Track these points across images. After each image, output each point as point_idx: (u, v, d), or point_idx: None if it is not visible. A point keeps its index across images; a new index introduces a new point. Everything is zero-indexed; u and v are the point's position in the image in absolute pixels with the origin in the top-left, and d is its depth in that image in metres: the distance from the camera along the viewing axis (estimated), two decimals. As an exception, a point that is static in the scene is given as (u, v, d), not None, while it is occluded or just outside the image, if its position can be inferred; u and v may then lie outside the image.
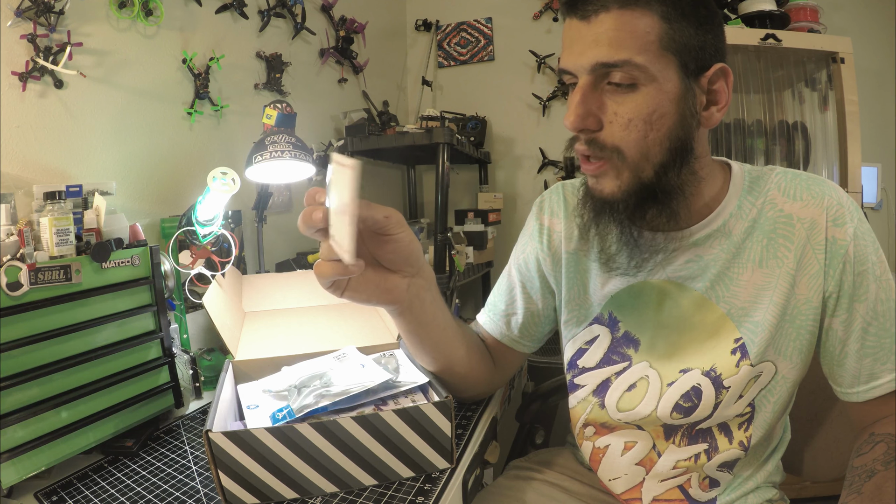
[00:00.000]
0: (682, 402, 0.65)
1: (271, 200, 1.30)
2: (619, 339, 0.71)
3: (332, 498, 0.61)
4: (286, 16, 1.57)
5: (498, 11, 2.28)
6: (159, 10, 1.12)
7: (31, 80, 0.90)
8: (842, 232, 0.60)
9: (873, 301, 0.60)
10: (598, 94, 0.56)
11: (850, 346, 0.62)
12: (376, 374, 0.71)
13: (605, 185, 0.59)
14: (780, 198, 0.63)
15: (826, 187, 0.62)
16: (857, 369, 0.62)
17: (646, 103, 0.55)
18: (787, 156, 1.67)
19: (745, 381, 0.63)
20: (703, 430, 0.67)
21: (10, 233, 0.72)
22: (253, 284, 1.10)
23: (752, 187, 0.65)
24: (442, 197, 1.67)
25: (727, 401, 0.64)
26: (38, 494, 0.65)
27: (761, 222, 0.63)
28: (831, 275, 0.61)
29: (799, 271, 0.61)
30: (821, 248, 0.61)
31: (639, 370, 0.69)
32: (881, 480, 0.55)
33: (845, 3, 1.92)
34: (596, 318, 0.72)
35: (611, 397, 0.71)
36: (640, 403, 0.68)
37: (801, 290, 0.62)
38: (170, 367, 0.84)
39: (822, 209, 0.61)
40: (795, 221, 0.62)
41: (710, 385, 0.64)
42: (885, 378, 0.61)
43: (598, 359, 0.72)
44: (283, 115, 1.06)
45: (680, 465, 0.68)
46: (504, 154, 2.34)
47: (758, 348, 0.62)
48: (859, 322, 0.61)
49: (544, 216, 0.78)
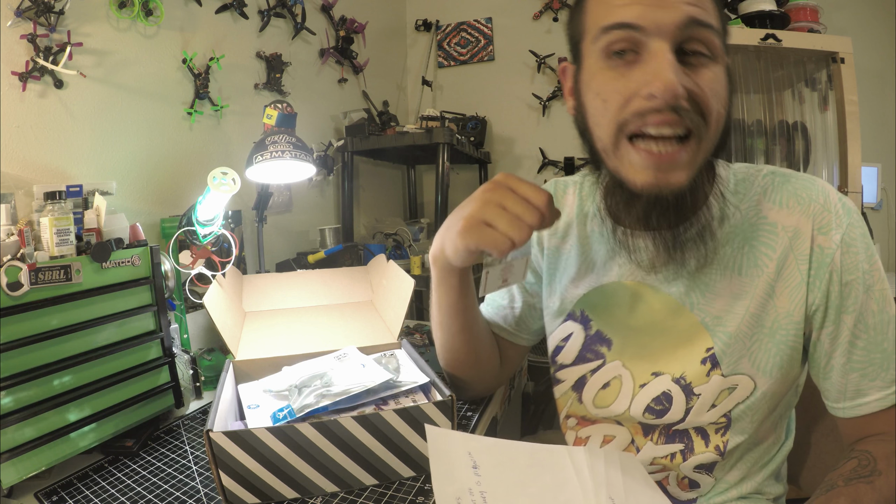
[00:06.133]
0: (653, 404, 0.65)
1: (271, 200, 1.30)
2: (592, 336, 0.70)
3: (332, 498, 0.61)
4: (286, 16, 1.57)
5: (498, 11, 2.28)
6: (159, 10, 1.12)
7: (31, 80, 0.90)
8: (827, 240, 0.56)
9: (862, 312, 0.56)
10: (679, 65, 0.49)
11: (836, 359, 0.58)
12: (377, 374, 0.71)
13: (674, 177, 0.51)
14: (766, 203, 0.59)
15: (814, 191, 0.58)
16: (842, 384, 0.58)
17: (719, 76, 0.50)
18: (787, 156, 1.67)
19: (717, 391, 0.61)
20: (680, 431, 0.65)
21: (11, 233, 0.72)
22: (253, 284, 1.10)
23: (737, 190, 0.61)
24: (442, 197, 1.67)
25: (698, 408, 0.62)
26: (38, 494, 0.65)
27: (743, 228, 0.59)
28: (817, 286, 0.56)
29: (779, 281, 0.58)
30: (804, 259, 0.56)
31: (612, 369, 0.68)
32: (833, 496, 0.52)
33: (845, 3, 1.92)
34: (569, 315, 0.72)
35: (587, 394, 0.71)
36: (614, 401, 0.68)
37: (780, 301, 0.58)
38: (170, 367, 0.84)
39: (807, 217, 0.57)
40: (779, 230, 0.58)
41: (681, 392, 0.63)
42: (873, 396, 0.57)
43: (574, 356, 0.72)
44: (283, 115, 1.06)
45: (657, 462, 0.67)
46: (504, 154, 2.34)
47: (729, 359, 0.60)
48: (846, 335, 0.56)
49: None
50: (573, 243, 0.72)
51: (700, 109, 0.49)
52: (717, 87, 0.50)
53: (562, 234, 0.74)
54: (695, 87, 0.49)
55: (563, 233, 0.73)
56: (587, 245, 0.71)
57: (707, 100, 0.49)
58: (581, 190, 0.74)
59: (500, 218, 0.54)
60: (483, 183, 2.34)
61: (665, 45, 0.48)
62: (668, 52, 0.48)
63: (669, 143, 0.50)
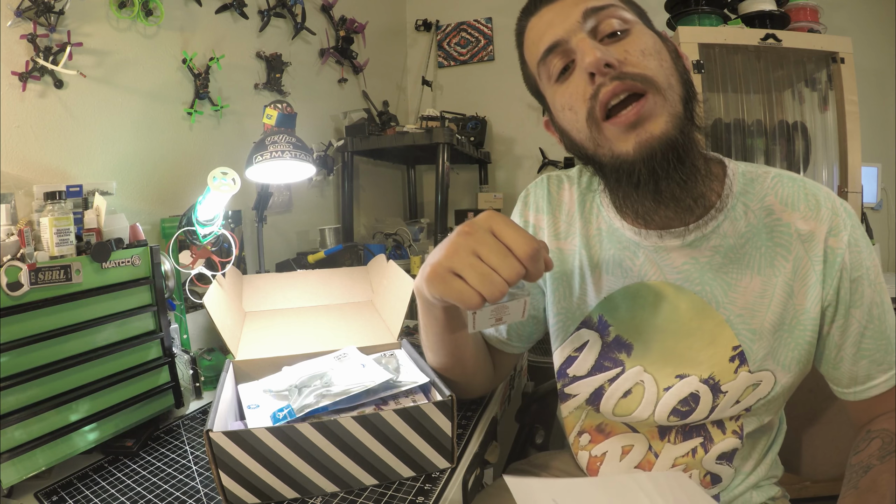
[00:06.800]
0: (679, 406, 0.65)
1: (271, 200, 1.30)
2: (610, 343, 0.68)
3: (332, 498, 0.61)
4: (286, 16, 1.57)
5: (498, 11, 2.28)
6: (159, 10, 1.12)
7: (31, 80, 0.90)
8: (838, 241, 0.59)
9: (869, 305, 0.60)
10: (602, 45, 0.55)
11: (846, 350, 0.61)
12: (377, 374, 0.71)
13: (653, 126, 0.53)
14: (778, 205, 0.61)
15: (821, 195, 0.61)
16: (853, 372, 0.62)
17: (645, 39, 0.56)
18: (787, 156, 1.67)
19: (743, 387, 0.62)
20: (697, 426, 0.67)
21: (11, 233, 0.72)
22: (253, 284, 1.10)
23: (746, 189, 0.63)
24: (442, 197, 1.67)
25: (723, 405, 0.63)
26: (38, 494, 0.65)
27: (759, 228, 0.61)
28: (830, 284, 0.60)
29: (796, 281, 0.60)
30: (819, 259, 0.60)
31: (633, 375, 0.66)
32: (875, 474, 0.55)
33: (845, 3, 1.93)
34: (584, 322, 0.69)
35: (606, 404, 0.69)
36: (636, 409, 0.67)
37: (799, 300, 0.61)
38: (170, 367, 0.84)
39: (819, 220, 0.60)
40: (793, 231, 0.60)
41: (709, 391, 0.63)
42: (882, 378, 0.61)
43: (590, 366, 0.69)
44: (283, 115, 1.06)
45: (679, 462, 0.67)
46: (504, 154, 2.34)
47: (755, 355, 0.62)
48: (856, 327, 0.60)
49: (529, 212, 0.74)
50: (579, 243, 0.69)
51: (639, 68, 0.54)
52: (644, 46, 0.55)
53: (564, 234, 0.71)
54: (622, 53, 0.54)
55: (565, 233, 0.71)
56: (596, 244, 0.68)
57: (638, 59, 0.54)
58: (579, 185, 0.72)
59: (472, 270, 0.48)
60: (483, 183, 2.35)
61: (582, 35, 0.55)
62: (585, 38, 0.55)
63: (627, 104, 0.53)
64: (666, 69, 0.55)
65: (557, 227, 0.72)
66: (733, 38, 1.51)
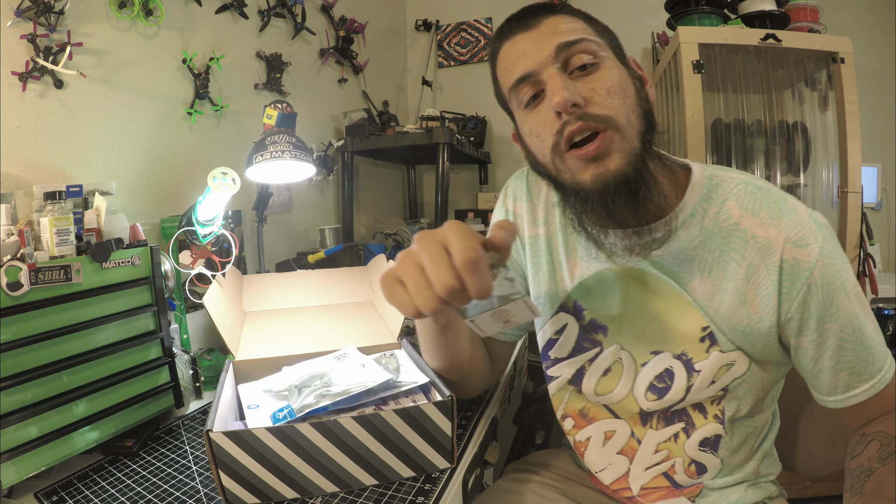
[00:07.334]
0: (655, 382, 0.66)
1: (271, 200, 1.30)
2: (587, 326, 0.71)
3: (332, 498, 0.61)
4: (286, 16, 1.57)
5: (498, 11, 2.28)
6: (159, 10, 1.12)
7: (31, 80, 0.90)
8: (805, 253, 0.58)
9: (846, 318, 0.59)
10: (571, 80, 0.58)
11: (824, 362, 0.61)
12: (377, 374, 0.71)
13: (610, 162, 0.57)
14: (738, 211, 0.62)
15: (785, 208, 0.60)
16: (833, 382, 0.62)
17: (612, 75, 0.58)
18: (787, 156, 1.67)
19: (717, 367, 0.63)
20: (678, 411, 0.68)
21: (11, 233, 0.72)
22: (253, 284, 1.10)
23: (709, 194, 0.63)
24: (442, 197, 1.67)
25: (699, 385, 0.64)
26: (38, 494, 0.65)
27: (713, 232, 0.62)
28: (793, 296, 0.59)
29: (749, 289, 0.60)
30: (774, 270, 0.59)
31: (611, 354, 0.69)
32: (880, 477, 0.56)
33: (845, 3, 1.93)
34: (561, 306, 0.72)
35: (588, 383, 0.71)
36: (616, 386, 0.69)
37: (754, 309, 0.61)
38: (170, 367, 0.84)
39: (779, 230, 0.59)
40: (749, 238, 0.60)
41: (683, 368, 0.65)
42: (863, 387, 0.61)
43: (570, 348, 0.72)
44: (283, 115, 1.06)
45: (661, 448, 0.68)
46: (504, 154, 2.34)
47: (725, 336, 0.62)
48: (833, 340, 0.60)
49: (508, 200, 0.78)
50: (554, 230, 0.72)
51: (602, 108, 0.57)
52: (610, 84, 0.58)
53: (542, 220, 0.73)
54: (588, 91, 0.57)
55: (543, 219, 0.73)
56: (569, 231, 0.71)
57: (602, 98, 0.57)
58: None
59: (411, 279, 0.47)
60: (483, 183, 2.34)
61: (552, 71, 0.58)
62: (556, 76, 0.57)
63: (587, 142, 0.57)
64: (628, 105, 0.58)
65: (535, 213, 0.74)
66: (733, 38, 1.51)
